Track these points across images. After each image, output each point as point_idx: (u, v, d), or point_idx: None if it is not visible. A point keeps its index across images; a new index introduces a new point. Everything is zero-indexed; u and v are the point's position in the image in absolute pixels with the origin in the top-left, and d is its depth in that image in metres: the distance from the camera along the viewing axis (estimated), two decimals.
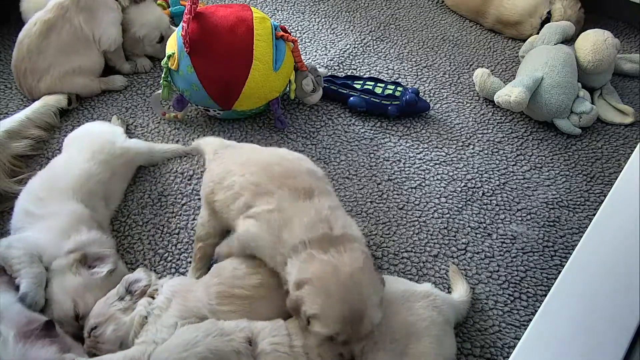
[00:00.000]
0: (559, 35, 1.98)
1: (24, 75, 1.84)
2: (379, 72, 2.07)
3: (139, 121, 1.85)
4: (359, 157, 1.75)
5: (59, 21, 1.81)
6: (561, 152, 1.79)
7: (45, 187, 1.44)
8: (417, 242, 1.52)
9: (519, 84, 1.81)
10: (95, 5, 1.86)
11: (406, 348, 1.11)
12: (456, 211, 1.60)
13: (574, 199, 1.64)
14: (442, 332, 1.16)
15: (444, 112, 1.92)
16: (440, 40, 2.25)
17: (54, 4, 1.84)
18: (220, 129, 1.83)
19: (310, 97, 1.85)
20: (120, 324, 1.21)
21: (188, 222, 1.55)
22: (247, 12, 1.73)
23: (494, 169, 1.73)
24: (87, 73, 1.89)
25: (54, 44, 1.82)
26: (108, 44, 1.91)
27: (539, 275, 1.45)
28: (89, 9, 1.85)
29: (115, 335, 1.20)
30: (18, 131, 1.71)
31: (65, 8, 1.82)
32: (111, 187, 1.55)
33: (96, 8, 1.86)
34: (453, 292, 1.37)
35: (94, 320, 1.22)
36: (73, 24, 1.83)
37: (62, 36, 1.82)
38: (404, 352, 1.11)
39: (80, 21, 1.83)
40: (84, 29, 1.84)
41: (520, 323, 1.35)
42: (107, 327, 1.20)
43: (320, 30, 2.28)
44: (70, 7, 1.82)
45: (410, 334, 1.13)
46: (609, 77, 1.98)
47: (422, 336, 1.13)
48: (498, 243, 1.52)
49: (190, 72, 1.68)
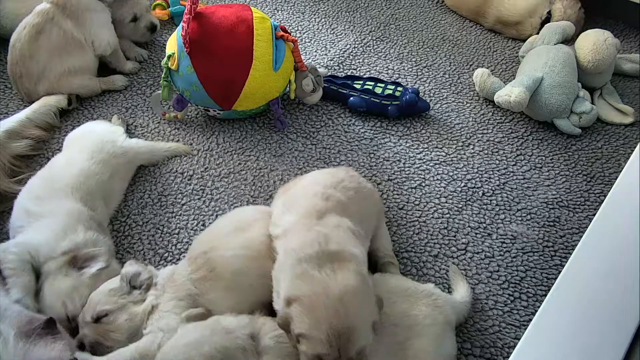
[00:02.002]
0: (559, 35, 1.98)
1: (20, 79, 1.84)
2: (379, 72, 2.07)
3: (139, 121, 1.85)
4: (359, 157, 1.75)
5: (47, 24, 1.80)
6: (561, 152, 1.79)
7: (45, 186, 1.45)
8: (417, 242, 1.52)
9: (519, 84, 1.81)
10: (81, 11, 1.84)
11: (406, 342, 1.12)
12: (456, 211, 1.60)
13: (574, 199, 1.64)
14: (442, 332, 1.17)
15: (444, 112, 1.92)
16: (440, 40, 2.25)
17: (39, 9, 1.83)
18: (220, 129, 1.83)
19: (310, 97, 1.85)
20: (133, 314, 1.21)
21: (188, 222, 1.55)
22: (247, 12, 1.73)
23: (494, 169, 1.73)
24: (83, 73, 1.89)
25: (45, 47, 1.81)
26: (103, 48, 1.91)
27: (539, 275, 1.45)
28: (75, 15, 1.83)
29: (128, 324, 1.20)
30: (18, 131, 1.71)
31: (52, 13, 1.81)
32: (111, 186, 1.55)
33: (82, 13, 1.84)
34: (454, 293, 1.37)
35: (102, 308, 1.22)
36: (62, 28, 1.81)
37: (52, 39, 1.81)
38: (403, 346, 1.11)
39: (69, 27, 1.83)
40: (74, 33, 1.83)
41: (520, 323, 1.35)
42: (120, 315, 1.21)
43: (320, 30, 2.28)
44: (56, 13, 1.81)
45: (410, 328, 1.13)
46: (609, 77, 1.98)
47: (422, 334, 1.13)
48: (498, 243, 1.52)
49: (190, 72, 1.68)
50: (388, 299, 1.15)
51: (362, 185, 1.37)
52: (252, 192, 1.63)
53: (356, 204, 1.28)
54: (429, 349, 1.12)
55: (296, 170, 1.70)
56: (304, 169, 1.71)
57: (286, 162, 1.73)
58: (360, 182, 1.38)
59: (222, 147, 1.77)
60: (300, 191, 1.32)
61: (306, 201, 1.25)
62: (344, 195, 1.27)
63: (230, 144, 1.78)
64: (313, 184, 1.32)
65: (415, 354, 1.11)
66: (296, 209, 1.25)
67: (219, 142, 1.79)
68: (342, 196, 1.26)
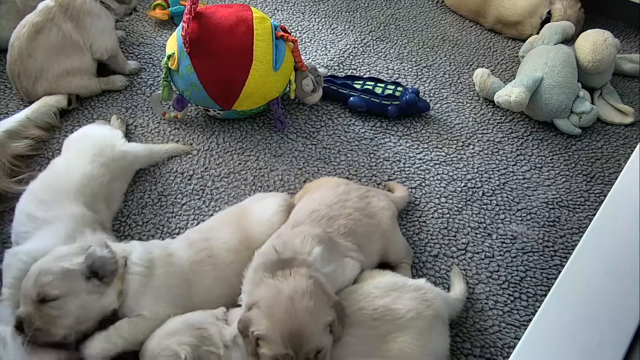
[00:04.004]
0: (559, 35, 1.98)
1: (19, 78, 1.84)
2: (379, 72, 2.07)
3: (139, 121, 1.85)
4: (359, 157, 1.75)
5: (47, 24, 1.81)
6: (561, 152, 1.79)
7: (47, 191, 1.43)
8: (417, 242, 1.52)
9: (519, 84, 1.81)
10: (83, 14, 1.84)
11: (388, 336, 1.13)
12: (456, 211, 1.60)
13: (574, 199, 1.64)
14: (429, 326, 1.16)
15: (444, 112, 1.92)
16: (440, 40, 2.25)
17: (42, 7, 1.83)
18: (220, 129, 1.83)
19: (310, 97, 1.85)
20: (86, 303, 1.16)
21: (188, 222, 1.55)
22: (247, 12, 1.73)
23: (494, 169, 1.73)
24: (82, 73, 1.89)
25: (43, 46, 1.81)
26: (100, 53, 1.91)
27: (539, 275, 1.45)
28: (77, 19, 1.84)
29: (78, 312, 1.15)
30: (18, 131, 1.71)
31: (53, 13, 1.81)
32: (112, 189, 1.55)
33: (84, 16, 1.85)
34: (451, 289, 1.37)
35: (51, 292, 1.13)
36: (62, 29, 1.82)
37: (50, 39, 1.81)
38: (386, 339, 1.12)
39: (69, 28, 1.83)
40: (73, 36, 1.83)
41: (520, 323, 1.35)
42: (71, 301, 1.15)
43: (320, 30, 2.28)
44: (57, 13, 1.82)
45: (392, 322, 1.14)
46: (609, 77, 1.98)
47: (406, 327, 1.13)
48: (498, 243, 1.52)
49: (190, 73, 1.68)
50: (370, 294, 1.18)
51: (371, 206, 1.41)
52: (252, 192, 1.63)
53: (353, 222, 1.33)
54: (414, 343, 1.12)
55: (296, 170, 1.70)
56: (304, 169, 1.71)
57: (286, 162, 1.73)
58: (370, 202, 1.42)
59: (222, 147, 1.77)
60: (302, 204, 1.40)
61: (297, 214, 1.35)
62: (337, 212, 1.34)
63: (230, 144, 1.78)
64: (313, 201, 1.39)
65: (401, 348, 1.12)
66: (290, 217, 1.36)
67: (219, 142, 1.79)
68: (332, 212, 1.33)
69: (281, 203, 1.41)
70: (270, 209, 1.39)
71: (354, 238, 1.31)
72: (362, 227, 1.34)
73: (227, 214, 1.43)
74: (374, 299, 1.17)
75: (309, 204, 1.37)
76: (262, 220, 1.37)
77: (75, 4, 1.83)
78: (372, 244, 1.36)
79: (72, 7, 1.83)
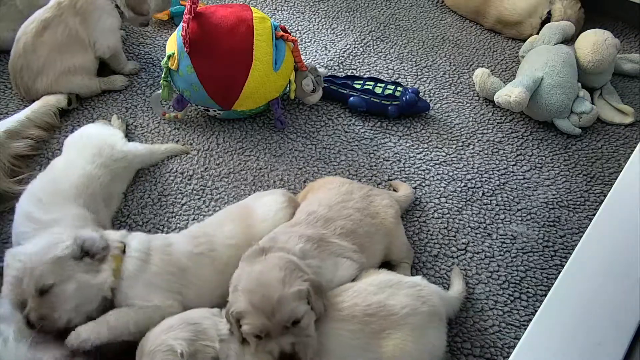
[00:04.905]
0: (559, 35, 1.98)
1: (20, 73, 1.84)
2: (379, 72, 2.07)
3: (139, 121, 1.85)
4: (359, 157, 1.75)
5: (54, 20, 1.81)
6: (561, 152, 1.79)
7: (47, 191, 1.43)
8: (417, 242, 1.52)
9: (519, 84, 1.81)
10: (92, 11, 1.85)
11: (382, 332, 1.13)
12: (456, 211, 1.60)
13: (574, 199, 1.64)
14: (425, 323, 1.16)
15: (444, 112, 1.92)
16: (440, 40, 2.25)
17: (54, 2, 1.84)
18: (220, 129, 1.83)
19: (310, 97, 1.85)
20: (83, 284, 1.18)
21: (188, 222, 1.55)
22: (247, 12, 1.73)
23: (494, 169, 1.73)
24: (83, 72, 1.89)
25: (48, 43, 1.81)
26: (102, 51, 1.91)
27: (539, 275, 1.45)
28: (84, 14, 1.84)
29: (77, 294, 1.17)
30: (18, 131, 1.71)
31: (62, 9, 1.82)
32: (112, 189, 1.55)
33: (92, 13, 1.85)
34: (450, 288, 1.37)
35: (45, 282, 1.15)
36: (68, 25, 1.82)
37: (56, 36, 1.81)
38: (380, 335, 1.13)
39: (76, 23, 1.83)
40: (79, 32, 1.84)
41: (520, 323, 1.35)
42: (67, 285, 1.17)
43: (320, 30, 2.28)
44: (67, 8, 1.82)
45: (386, 317, 1.14)
46: (609, 77, 1.98)
47: (401, 324, 1.13)
48: (498, 243, 1.52)
49: (190, 73, 1.68)
50: (364, 290, 1.19)
51: (373, 205, 1.41)
52: (252, 192, 1.63)
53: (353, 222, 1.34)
54: (408, 339, 1.12)
55: (296, 170, 1.70)
56: (304, 169, 1.71)
57: (286, 162, 1.73)
58: (372, 201, 1.42)
59: (222, 147, 1.77)
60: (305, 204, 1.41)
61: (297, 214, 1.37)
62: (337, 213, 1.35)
63: (230, 144, 1.78)
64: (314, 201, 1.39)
65: (396, 344, 1.12)
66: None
67: (219, 142, 1.79)
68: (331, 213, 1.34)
69: (283, 199, 1.41)
70: (274, 206, 1.40)
71: (354, 238, 1.32)
72: (363, 227, 1.34)
73: (230, 211, 1.43)
74: (368, 295, 1.18)
75: (309, 205, 1.37)
76: (267, 217, 1.37)
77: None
78: (375, 244, 1.36)
79: (83, 0, 1.83)
